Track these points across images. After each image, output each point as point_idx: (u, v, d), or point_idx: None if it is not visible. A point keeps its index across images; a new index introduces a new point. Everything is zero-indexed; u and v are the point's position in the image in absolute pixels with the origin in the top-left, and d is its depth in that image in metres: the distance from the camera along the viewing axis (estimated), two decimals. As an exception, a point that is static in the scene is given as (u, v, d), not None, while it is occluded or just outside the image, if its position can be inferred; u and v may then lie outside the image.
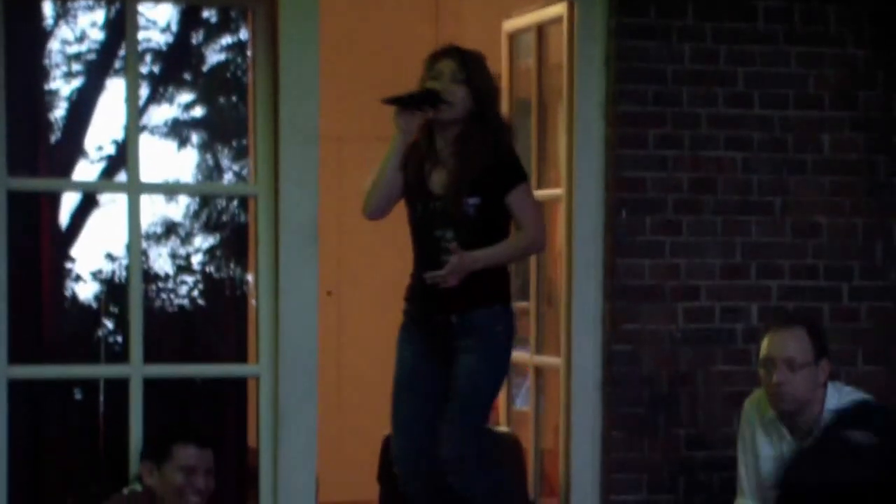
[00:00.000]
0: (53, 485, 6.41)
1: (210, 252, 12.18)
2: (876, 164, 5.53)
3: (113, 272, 10.83)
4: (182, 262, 11.81)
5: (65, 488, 6.31)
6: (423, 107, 4.80)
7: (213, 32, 12.13)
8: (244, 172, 11.25)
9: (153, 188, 8.60)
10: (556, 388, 5.58)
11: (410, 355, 4.93)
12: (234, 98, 12.09)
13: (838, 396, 4.45)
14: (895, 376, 5.47)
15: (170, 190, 11.93)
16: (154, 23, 11.71)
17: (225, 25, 12.08)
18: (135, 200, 5.01)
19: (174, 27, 12.01)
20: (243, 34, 11.14)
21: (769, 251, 5.43)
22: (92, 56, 11.44)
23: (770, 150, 5.43)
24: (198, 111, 12.55)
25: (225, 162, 12.80)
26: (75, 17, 11.64)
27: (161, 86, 12.11)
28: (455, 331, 4.79)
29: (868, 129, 5.52)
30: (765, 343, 4.50)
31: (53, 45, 10.93)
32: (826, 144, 5.48)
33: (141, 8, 5.29)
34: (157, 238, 12.11)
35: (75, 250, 10.88)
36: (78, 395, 7.06)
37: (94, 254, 11.11)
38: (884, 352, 5.51)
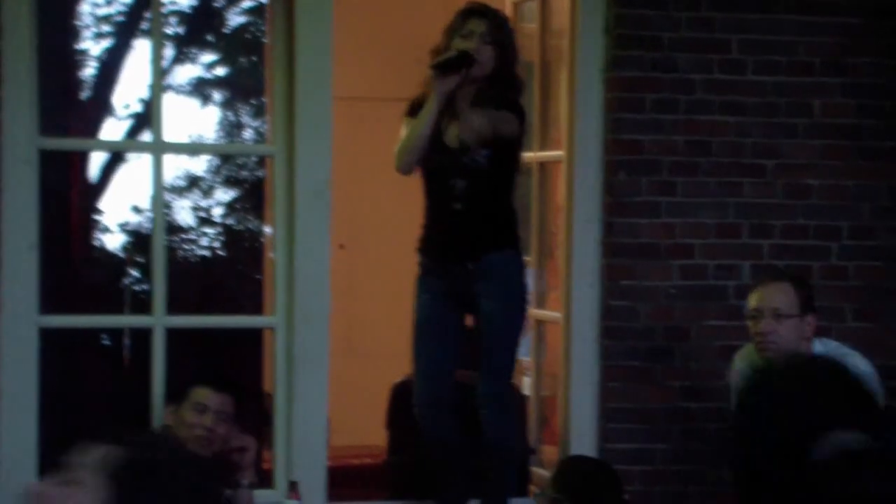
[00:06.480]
0: (80, 427, 6.34)
1: (230, 206, 12.11)
2: (865, 129, 5.40)
3: (139, 224, 10.76)
4: (203, 216, 11.74)
5: (90, 431, 6.22)
6: (459, 69, 4.68)
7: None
8: (262, 129, 11.15)
9: (177, 148, 8.56)
10: (556, 340, 5.50)
11: (428, 302, 4.85)
12: (253, 59, 11.99)
13: (824, 350, 4.38)
14: (882, 332, 5.37)
15: (192, 150, 11.84)
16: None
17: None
18: (158, 159, 5.00)
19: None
20: (263, -3, 11.01)
21: (761, 211, 5.32)
22: (119, 18, 11.33)
23: (763, 114, 5.31)
24: (219, 71, 12.44)
25: (244, 119, 12.71)
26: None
27: (184, 47, 11.98)
28: (472, 277, 4.74)
29: (858, 94, 5.39)
30: (753, 296, 4.44)
31: (83, 8, 10.80)
32: (817, 109, 5.36)
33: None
34: (180, 191, 12.02)
35: (103, 203, 10.82)
36: (106, 341, 6.98)
37: (121, 207, 11.06)
38: (871, 309, 5.40)
